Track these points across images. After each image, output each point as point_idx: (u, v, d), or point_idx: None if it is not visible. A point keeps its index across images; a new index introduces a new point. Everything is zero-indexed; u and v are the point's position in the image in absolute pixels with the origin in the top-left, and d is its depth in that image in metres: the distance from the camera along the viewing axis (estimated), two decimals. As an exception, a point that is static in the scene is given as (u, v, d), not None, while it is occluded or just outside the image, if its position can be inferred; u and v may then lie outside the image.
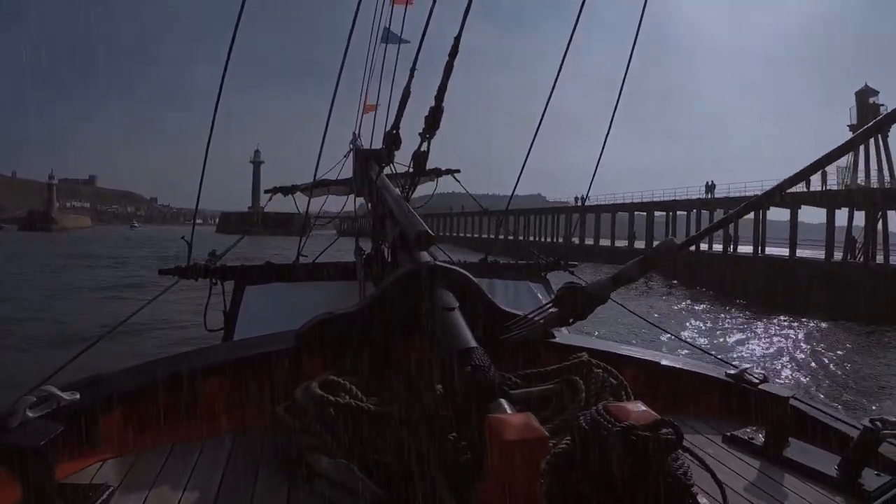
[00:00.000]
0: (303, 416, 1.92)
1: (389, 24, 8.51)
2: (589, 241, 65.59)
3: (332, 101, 4.53)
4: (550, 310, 2.09)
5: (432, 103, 3.00)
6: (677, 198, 56.68)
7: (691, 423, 2.13)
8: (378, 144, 6.36)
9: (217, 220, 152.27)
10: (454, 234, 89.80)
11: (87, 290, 28.83)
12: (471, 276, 2.32)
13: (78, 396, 1.94)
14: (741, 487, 1.90)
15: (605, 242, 63.86)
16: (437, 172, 7.29)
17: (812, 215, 38.60)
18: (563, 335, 2.53)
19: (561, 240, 74.88)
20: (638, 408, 1.51)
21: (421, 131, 3.08)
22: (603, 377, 2.11)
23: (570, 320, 2.09)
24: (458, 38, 2.80)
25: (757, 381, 2.46)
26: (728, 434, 2.27)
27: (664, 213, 57.29)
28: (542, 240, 76.35)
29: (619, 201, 66.63)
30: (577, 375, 2.09)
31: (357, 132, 8.79)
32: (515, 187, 5.94)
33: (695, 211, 51.90)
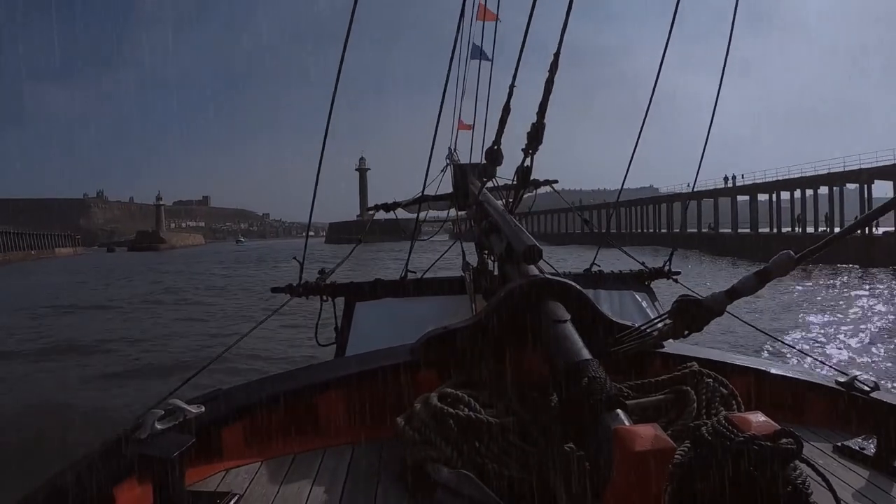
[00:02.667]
0: (423, 427, 1.97)
1: (472, 40, 8.80)
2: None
3: (437, 122, 4.56)
4: (665, 321, 2.08)
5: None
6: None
7: (800, 432, 1.82)
8: (467, 157, 7.32)
9: (326, 231, 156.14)
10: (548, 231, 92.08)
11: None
12: (580, 288, 2.33)
13: (203, 409, 2.04)
14: (853, 499, 1.91)
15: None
16: (536, 183, 7.26)
17: None
18: (671, 344, 2.43)
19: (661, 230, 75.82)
20: (758, 418, 1.56)
21: (523, 147, 3.10)
22: (713, 387, 2.12)
23: (686, 332, 2.05)
24: (556, 55, 2.82)
25: (868, 388, 2.47)
26: (839, 444, 2.26)
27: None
28: (652, 230, 78.64)
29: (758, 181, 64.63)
30: (688, 385, 2.11)
31: (453, 147, 9.11)
32: (624, 182, 5.73)
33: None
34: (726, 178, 69.30)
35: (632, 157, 5.50)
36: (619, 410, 1.62)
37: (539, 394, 2.05)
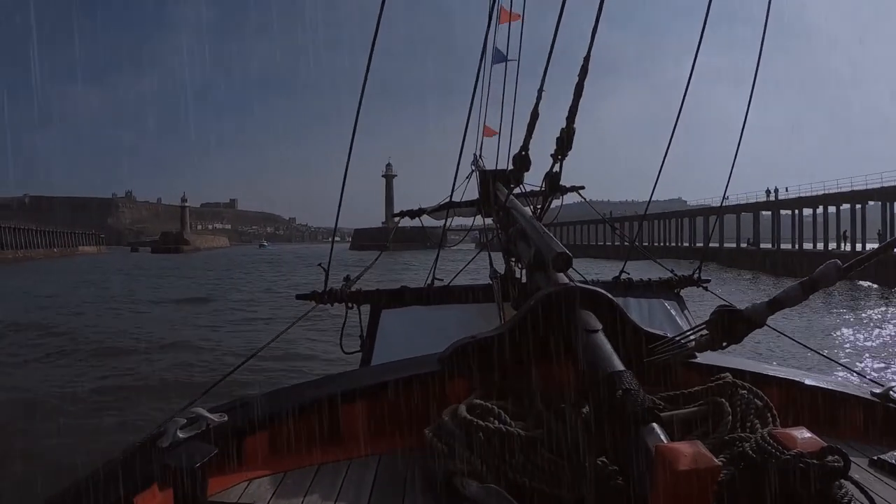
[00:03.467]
0: (451, 440, 1.95)
1: (496, 44, 8.76)
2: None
3: (465, 128, 4.73)
4: (703, 332, 2.01)
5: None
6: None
7: (836, 446, 1.78)
8: (492, 162, 7.81)
9: (350, 238, 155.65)
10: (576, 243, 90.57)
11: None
12: (611, 297, 2.30)
13: (226, 418, 2.07)
14: None
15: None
16: (564, 190, 6.97)
17: None
18: (703, 353, 2.27)
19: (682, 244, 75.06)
20: (803, 434, 1.56)
21: (552, 153, 3.04)
22: (748, 398, 2.07)
23: (724, 344, 1.98)
24: (586, 59, 2.77)
25: None
26: (875, 458, 2.20)
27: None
28: (677, 244, 77.95)
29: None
30: (722, 397, 2.07)
31: (479, 153, 9.04)
32: (652, 194, 5.84)
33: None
34: (768, 192, 66.68)
35: (660, 169, 5.45)
36: (654, 424, 1.57)
37: (570, 405, 1.95)
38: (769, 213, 65.54)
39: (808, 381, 2.53)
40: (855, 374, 4.91)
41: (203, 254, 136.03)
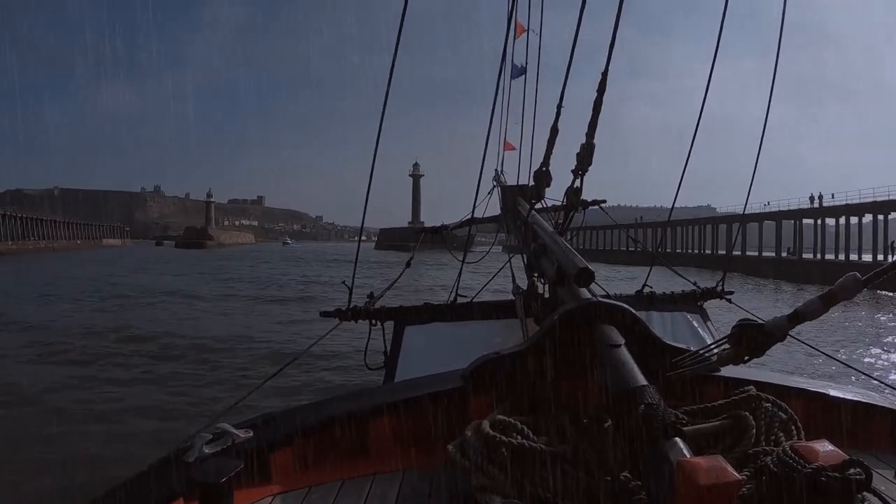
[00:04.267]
0: (475, 455, 1.95)
1: (512, 57, 8.88)
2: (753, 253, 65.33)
3: (485, 144, 4.97)
4: (724, 346, 2.01)
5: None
6: None
7: (862, 458, 1.72)
8: (512, 177, 8.23)
9: (376, 237, 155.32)
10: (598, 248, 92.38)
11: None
12: (634, 312, 2.31)
13: (251, 434, 2.09)
14: None
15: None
16: (585, 204, 6.25)
17: None
18: (728, 367, 2.29)
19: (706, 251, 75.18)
20: (825, 447, 1.55)
21: (573, 168, 3.08)
22: (772, 412, 2.08)
23: (746, 358, 1.98)
24: (604, 74, 2.83)
25: None
26: None
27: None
28: (700, 251, 77.51)
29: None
30: (745, 410, 2.07)
31: (499, 168, 9.39)
32: (675, 200, 5.89)
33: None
34: (812, 198, 63.81)
35: (682, 176, 5.51)
36: (677, 439, 1.58)
37: (593, 420, 1.95)
38: (811, 220, 62.72)
39: (832, 393, 2.49)
40: (882, 385, 4.70)
41: (226, 250, 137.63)
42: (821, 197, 62.71)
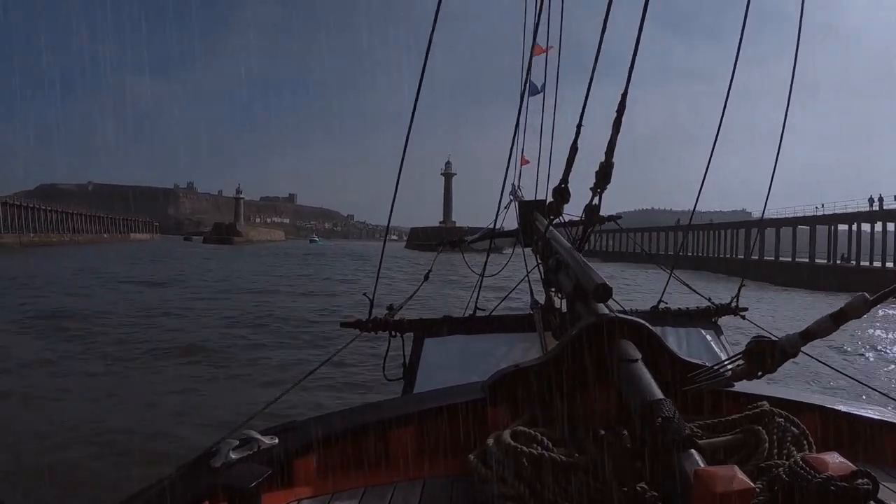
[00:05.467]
0: (495, 465, 1.99)
1: (531, 75, 7.96)
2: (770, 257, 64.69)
3: (507, 162, 5.17)
4: (738, 362, 2.06)
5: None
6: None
7: (875, 472, 1.76)
8: (528, 191, 8.51)
9: (406, 236, 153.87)
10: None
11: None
12: (650, 327, 2.36)
13: (277, 441, 2.16)
14: None
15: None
16: (601, 220, 6.57)
17: None
18: (741, 382, 2.35)
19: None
20: (835, 459, 1.60)
21: (592, 186, 3.11)
22: (784, 426, 2.12)
23: (759, 374, 2.02)
24: (624, 94, 2.88)
25: None
26: None
27: None
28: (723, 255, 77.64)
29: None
30: (759, 425, 2.11)
31: (517, 183, 9.30)
32: (696, 204, 6.14)
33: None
34: (871, 200, 59.10)
35: (703, 179, 5.71)
36: (692, 451, 1.65)
37: (611, 433, 1.96)
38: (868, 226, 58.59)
39: (843, 408, 2.53)
40: (893, 401, 4.25)
41: (254, 246, 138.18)
42: (881, 199, 58.06)
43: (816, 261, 61.90)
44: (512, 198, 8.20)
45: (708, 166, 5.51)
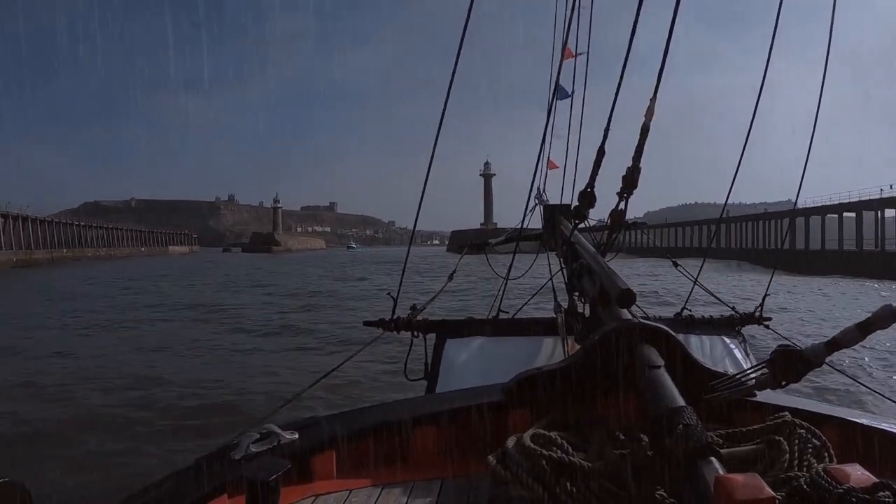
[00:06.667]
0: (515, 467, 1.99)
1: (559, 79, 8.79)
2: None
3: (535, 165, 5.43)
4: (763, 371, 2.04)
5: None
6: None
7: (888, 482, 1.72)
8: (554, 196, 8.40)
9: (448, 240, 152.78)
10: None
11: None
12: (673, 334, 2.36)
13: (297, 436, 2.19)
14: None
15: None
16: (626, 225, 6.61)
17: None
18: (763, 392, 2.35)
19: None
20: (856, 471, 1.61)
21: (618, 191, 3.11)
22: (805, 437, 2.09)
23: (783, 383, 1.99)
24: (652, 100, 2.87)
25: None
26: None
27: None
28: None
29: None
30: (780, 436, 2.09)
31: (542, 187, 9.08)
32: (729, 195, 6.00)
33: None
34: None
35: (736, 171, 5.74)
36: (713, 459, 1.63)
37: (631, 439, 2.02)
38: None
39: (864, 421, 2.49)
40: None
41: (293, 255, 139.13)
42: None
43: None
44: (537, 201, 8.08)
45: (741, 157, 5.56)
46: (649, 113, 2.85)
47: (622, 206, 3.15)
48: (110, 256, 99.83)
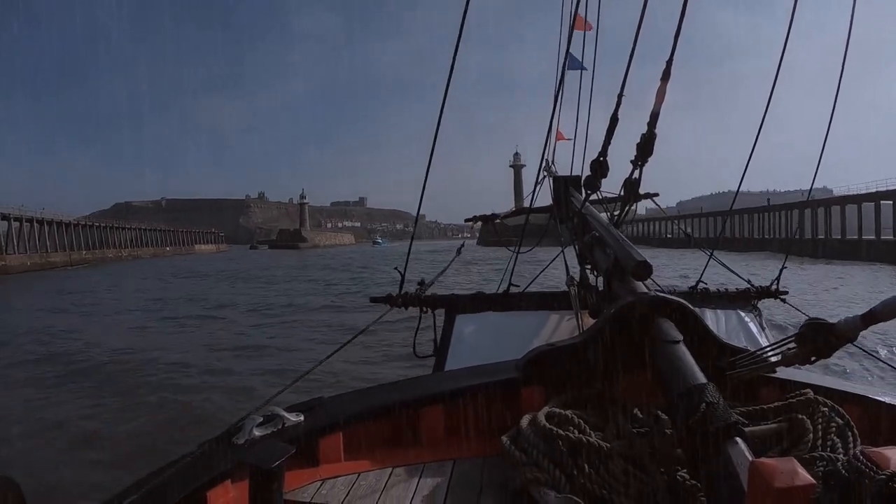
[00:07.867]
0: (530, 448, 1.95)
1: (569, 49, 8.75)
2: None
3: (546, 137, 5.32)
4: (790, 346, 1.98)
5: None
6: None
7: None
8: (562, 167, 8.37)
9: (479, 232, 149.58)
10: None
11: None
12: (692, 307, 2.29)
13: (302, 419, 2.13)
14: None
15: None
16: (639, 196, 5.83)
17: None
18: (783, 369, 2.33)
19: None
20: None
21: (632, 159, 3.09)
22: (829, 416, 2.06)
23: (813, 359, 1.94)
24: (669, 62, 2.81)
25: None
26: None
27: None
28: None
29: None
30: (802, 414, 2.07)
31: (551, 159, 9.09)
32: (740, 186, 5.76)
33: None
34: None
35: (748, 159, 5.49)
36: (738, 439, 1.59)
37: (650, 417, 1.98)
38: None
39: (888, 400, 2.43)
40: None
41: (319, 251, 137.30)
42: None
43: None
44: (546, 174, 7.95)
45: (755, 145, 5.25)
46: (665, 75, 2.77)
47: (636, 174, 3.12)
48: (134, 257, 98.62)
